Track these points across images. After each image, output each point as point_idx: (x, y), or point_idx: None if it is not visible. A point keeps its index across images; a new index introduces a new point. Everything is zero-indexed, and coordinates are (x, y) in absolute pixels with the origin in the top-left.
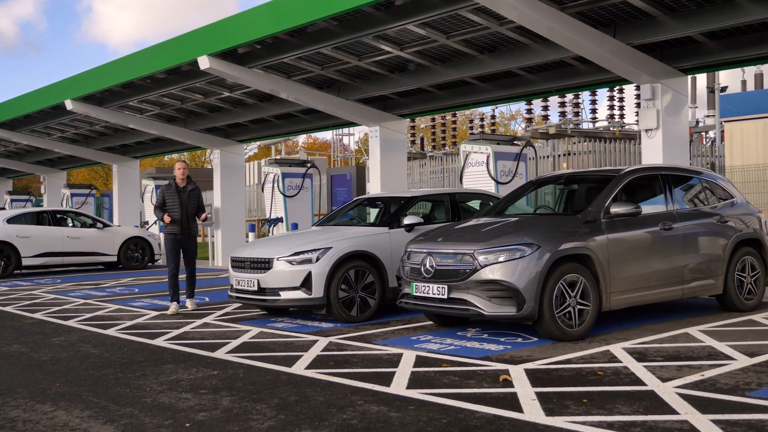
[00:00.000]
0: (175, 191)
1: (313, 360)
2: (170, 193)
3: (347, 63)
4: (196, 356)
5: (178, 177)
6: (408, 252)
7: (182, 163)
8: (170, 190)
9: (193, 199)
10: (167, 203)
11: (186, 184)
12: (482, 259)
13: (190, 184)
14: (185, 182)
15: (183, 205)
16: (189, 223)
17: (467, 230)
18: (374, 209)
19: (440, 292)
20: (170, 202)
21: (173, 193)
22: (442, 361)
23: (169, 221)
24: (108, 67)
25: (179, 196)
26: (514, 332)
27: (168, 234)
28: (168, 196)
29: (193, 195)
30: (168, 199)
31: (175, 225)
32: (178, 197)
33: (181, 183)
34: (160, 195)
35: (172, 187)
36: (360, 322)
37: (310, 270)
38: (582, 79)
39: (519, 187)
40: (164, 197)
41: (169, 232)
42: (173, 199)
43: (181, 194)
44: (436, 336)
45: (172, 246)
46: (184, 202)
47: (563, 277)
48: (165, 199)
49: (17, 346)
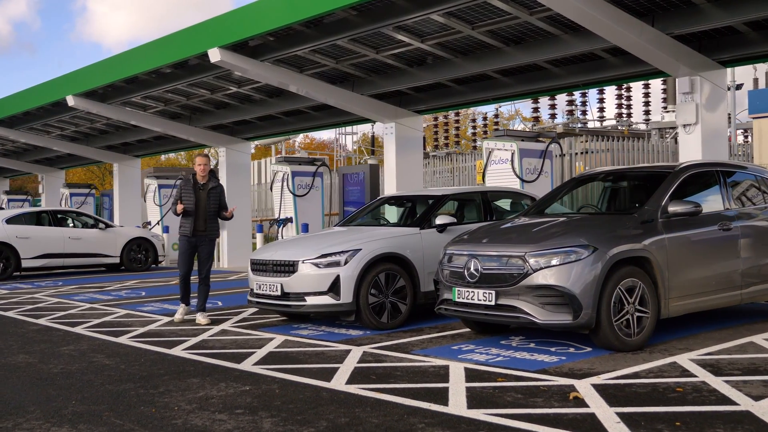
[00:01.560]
0: (192, 188)
1: (352, 373)
2: (187, 189)
3: (364, 56)
4: (222, 368)
5: (198, 172)
6: (448, 254)
7: (204, 157)
8: (188, 186)
9: (213, 198)
10: (183, 201)
11: (207, 181)
12: (534, 262)
13: (212, 180)
14: (207, 179)
15: (200, 204)
16: (206, 225)
17: (514, 231)
18: (400, 209)
19: (487, 299)
20: (186, 200)
21: (190, 190)
22: (496, 374)
23: (182, 210)
24: (111, 61)
25: (197, 194)
26: (563, 341)
27: (181, 235)
28: (185, 193)
29: (214, 194)
30: (184, 196)
31: (188, 223)
32: (195, 195)
33: (201, 179)
34: (178, 191)
35: (190, 182)
36: (391, 329)
37: (338, 273)
38: (612, 72)
39: (559, 185)
40: (180, 194)
41: (182, 234)
42: (189, 197)
43: (200, 192)
44: (478, 345)
45: (185, 249)
46: (203, 201)
47: (621, 281)
48: (181, 196)
49: (24, 356)
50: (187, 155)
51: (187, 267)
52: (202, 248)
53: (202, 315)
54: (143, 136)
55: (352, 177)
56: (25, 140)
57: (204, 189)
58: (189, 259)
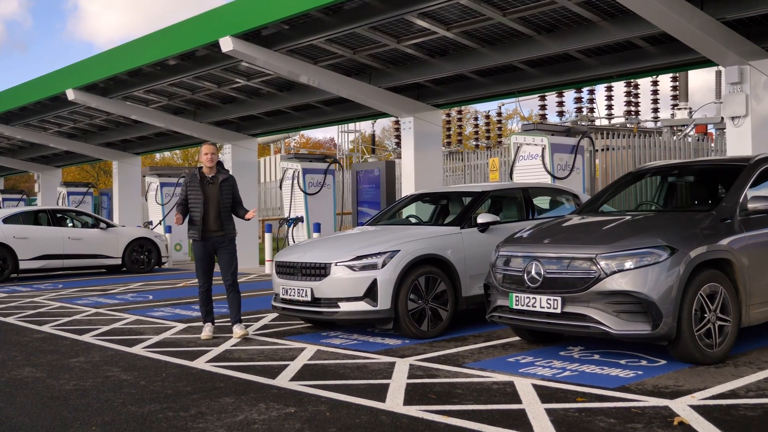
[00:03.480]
0: (199, 184)
1: (406, 391)
2: (194, 186)
3: (384, 45)
4: (256, 385)
5: (204, 164)
6: (503, 256)
7: (211, 146)
8: (194, 182)
9: (225, 192)
10: (190, 199)
11: (215, 174)
12: (606, 265)
13: (222, 172)
14: (214, 171)
15: (210, 200)
16: (221, 223)
17: (578, 230)
18: (432, 207)
19: (551, 306)
20: (193, 198)
21: (197, 187)
22: (572, 393)
23: (179, 223)
24: (114, 53)
25: (204, 189)
26: (630, 352)
27: (191, 238)
28: (191, 190)
29: (226, 187)
30: (191, 194)
31: (196, 226)
32: (202, 191)
33: (208, 172)
34: (183, 189)
35: (196, 178)
36: (431, 338)
37: (375, 277)
38: (649, 62)
39: (614, 181)
40: (186, 192)
41: (191, 236)
42: (196, 194)
43: (208, 187)
44: (536, 357)
45: (200, 255)
46: (213, 197)
47: (702, 286)
48: (188, 194)
49: (30, 369)
50: (184, 154)
51: (206, 278)
52: (221, 252)
53: (239, 327)
54: (144, 132)
55: (367, 174)
56: (21, 137)
57: (214, 183)
58: (207, 268)
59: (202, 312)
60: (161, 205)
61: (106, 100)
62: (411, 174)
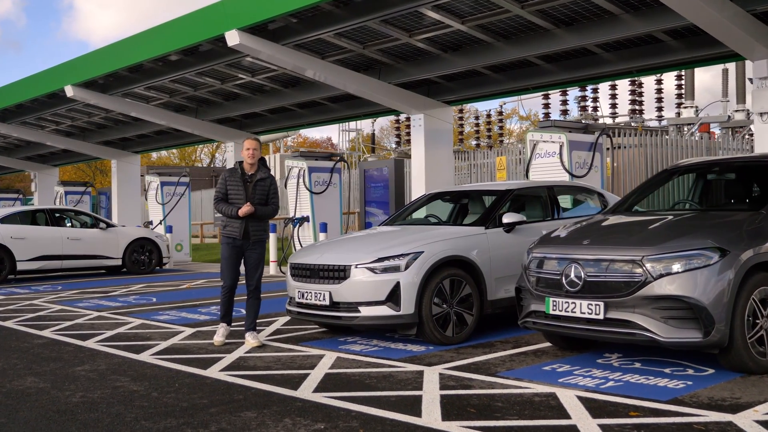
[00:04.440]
0: (240, 179)
1: (443, 405)
2: (234, 180)
3: (395, 40)
4: (278, 397)
5: (246, 159)
6: (537, 258)
7: (253, 141)
8: (234, 177)
9: (260, 191)
10: (230, 195)
11: (255, 171)
12: (653, 267)
13: (262, 170)
14: (255, 168)
15: (248, 199)
16: (252, 225)
17: (619, 230)
18: (445, 206)
19: (593, 311)
20: (234, 194)
21: (238, 182)
22: (622, 406)
23: (245, 213)
24: (114, 48)
25: (245, 186)
26: (673, 360)
27: (225, 237)
28: (231, 185)
29: (261, 187)
30: (231, 190)
31: (237, 223)
32: (244, 187)
33: (249, 169)
34: (221, 183)
35: (237, 173)
36: (456, 344)
37: (398, 280)
38: (670, 57)
39: (650, 178)
40: (226, 186)
41: (227, 235)
42: (237, 190)
43: (248, 185)
44: (573, 365)
45: (229, 254)
46: (249, 195)
47: (755, 290)
48: (228, 190)
49: (33, 379)
50: (180, 154)
51: (233, 277)
52: (250, 254)
53: (252, 335)
54: (144, 130)
55: (375, 173)
56: (18, 135)
57: (251, 181)
58: (234, 268)
59: (221, 311)
60: (162, 205)
61: (106, 97)
62: (422, 173)
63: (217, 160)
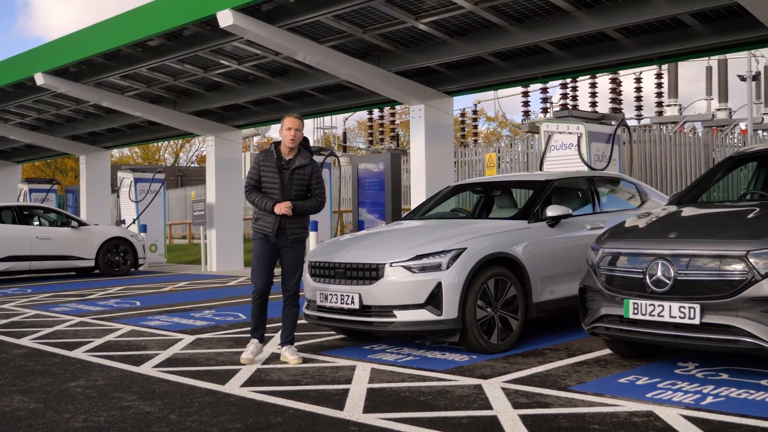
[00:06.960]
0: (275, 165)
1: (529, 427)
2: (268, 165)
3: (400, 23)
4: (325, 419)
5: (285, 141)
6: (609, 254)
7: (296, 120)
8: (268, 160)
9: (298, 181)
10: (264, 183)
11: (295, 156)
12: (761, 263)
13: (303, 155)
14: (295, 152)
15: (284, 189)
16: (293, 221)
17: (711, 221)
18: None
19: (686, 315)
20: (268, 182)
21: (273, 168)
22: (743, 428)
23: (281, 213)
24: (89, 32)
25: (281, 174)
26: (758, 369)
27: (257, 232)
28: (266, 171)
29: (299, 175)
30: (265, 176)
31: (271, 216)
32: (279, 175)
33: (287, 153)
34: (253, 169)
35: (272, 156)
36: (501, 352)
37: (439, 280)
38: (696, 42)
39: (714, 167)
40: (259, 173)
41: (259, 229)
42: (272, 178)
43: (284, 172)
44: (651, 377)
45: (261, 252)
46: (287, 185)
47: None
48: (261, 176)
49: (20, 398)
50: (143, 153)
51: (265, 280)
52: (286, 254)
53: (290, 351)
54: (115, 124)
55: (369, 168)
56: None
57: (288, 168)
58: (267, 268)
59: (252, 323)
60: (135, 203)
61: (78, 86)
62: (422, 168)
63: (182, 159)
